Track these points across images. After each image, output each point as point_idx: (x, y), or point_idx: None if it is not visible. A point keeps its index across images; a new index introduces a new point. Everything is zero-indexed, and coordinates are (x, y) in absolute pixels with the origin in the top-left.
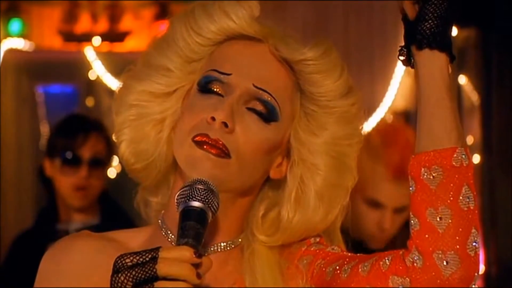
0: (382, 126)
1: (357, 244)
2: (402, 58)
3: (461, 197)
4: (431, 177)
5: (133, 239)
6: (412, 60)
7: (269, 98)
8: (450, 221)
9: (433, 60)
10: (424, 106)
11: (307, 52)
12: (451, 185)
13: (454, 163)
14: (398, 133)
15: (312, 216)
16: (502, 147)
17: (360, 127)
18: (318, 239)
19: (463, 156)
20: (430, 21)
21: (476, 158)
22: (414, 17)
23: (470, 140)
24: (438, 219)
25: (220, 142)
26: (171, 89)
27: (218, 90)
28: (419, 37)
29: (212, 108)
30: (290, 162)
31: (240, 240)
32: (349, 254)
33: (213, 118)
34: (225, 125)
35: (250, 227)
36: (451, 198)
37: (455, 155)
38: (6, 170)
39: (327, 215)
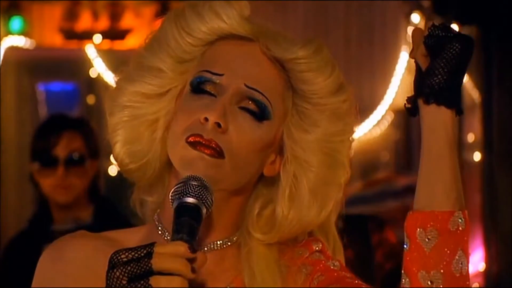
0: None
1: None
2: (408, 106)
3: (454, 263)
4: (426, 239)
5: (130, 238)
6: (418, 111)
7: (261, 97)
8: (440, 286)
9: (439, 115)
10: (426, 160)
11: (298, 51)
12: (446, 249)
13: (450, 227)
14: None
15: (306, 213)
16: (502, 145)
17: (352, 123)
18: (320, 246)
19: (460, 220)
20: (439, 76)
21: (477, 156)
22: (425, 68)
23: (471, 138)
24: (429, 283)
25: (214, 143)
26: (163, 90)
27: (210, 90)
28: (427, 91)
29: (205, 109)
30: (283, 159)
31: (235, 238)
32: (348, 275)
33: (206, 119)
34: (218, 125)
35: (246, 226)
36: (444, 263)
37: (452, 219)
38: (7, 168)
39: (321, 211)
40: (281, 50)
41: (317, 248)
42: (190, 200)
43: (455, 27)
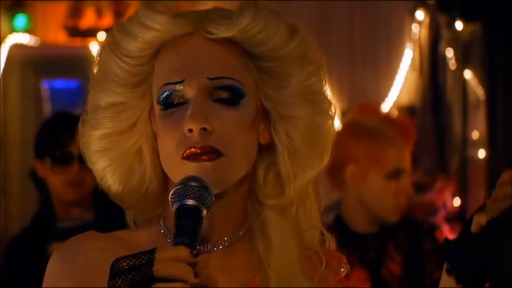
0: (367, 113)
1: (350, 233)
2: (442, 246)
3: None
4: None
5: (138, 238)
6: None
7: (227, 82)
8: None
9: None
10: None
11: (240, 22)
12: None
13: None
14: (380, 111)
15: (310, 164)
16: (507, 141)
17: (319, 59)
18: (344, 271)
19: None
20: (475, 259)
21: (481, 153)
22: (473, 232)
23: (475, 135)
24: None
25: (208, 147)
26: (134, 120)
27: (179, 100)
28: (454, 262)
29: (184, 120)
30: (271, 123)
31: (242, 232)
32: None
33: (190, 130)
34: (204, 129)
35: (256, 198)
36: None
37: None
38: (11, 164)
39: (323, 156)
40: (223, 29)
41: (342, 271)
42: (190, 202)
43: (459, 24)
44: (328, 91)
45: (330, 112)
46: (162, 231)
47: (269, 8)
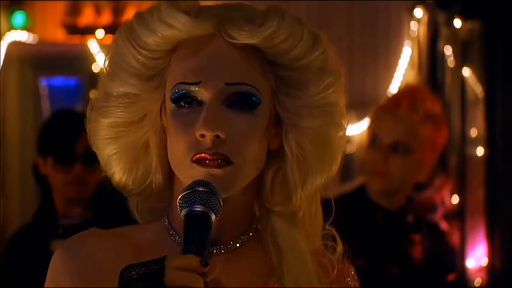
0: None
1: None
2: None
3: None
4: None
5: (142, 234)
6: None
7: (245, 88)
8: None
9: None
10: None
11: (264, 30)
12: None
13: None
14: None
15: (319, 174)
16: (506, 140)
17: (338, 70)
18: (355, 283)
19: None
20: None
21: (480, 151)
22: None
23: (474, 132)
24: None
25: (220, 154)
26: (144, 113)
27: (194, 100)
28: None
29: (197, 124)
30: (283, 130)
31: (247, 236)
32: None
33: (202, 135)
34: (217, 136)
35: (263, 205)
36: None
37: None
38: (9, 162)
39: (332, 166)
40: (246, 35)
41: (354, 284)
42: (198, 208)
43: (457, 22)
44: (344, 102)
45: (343, 124)
46: (170, 230)
47: (294, 14)
